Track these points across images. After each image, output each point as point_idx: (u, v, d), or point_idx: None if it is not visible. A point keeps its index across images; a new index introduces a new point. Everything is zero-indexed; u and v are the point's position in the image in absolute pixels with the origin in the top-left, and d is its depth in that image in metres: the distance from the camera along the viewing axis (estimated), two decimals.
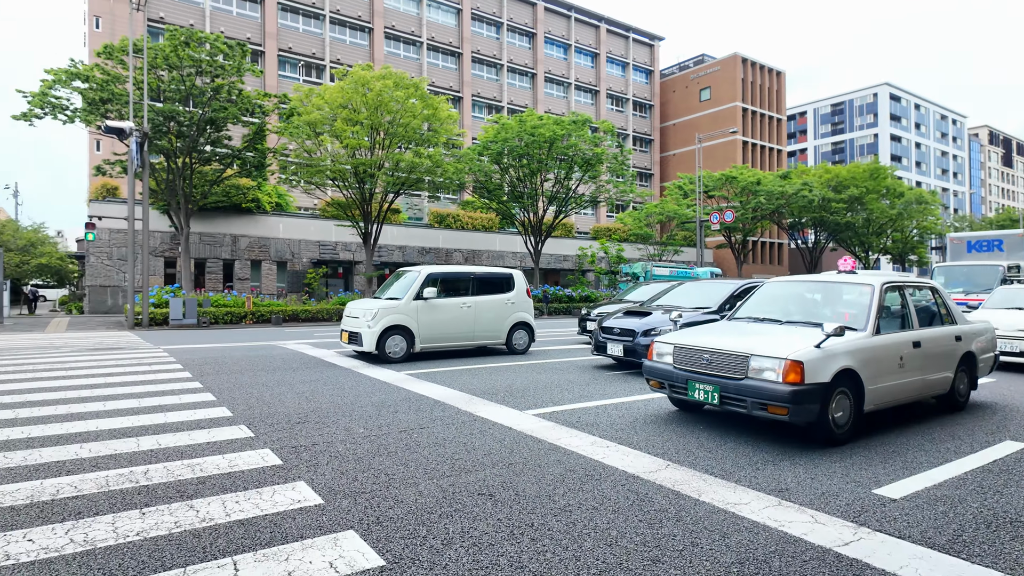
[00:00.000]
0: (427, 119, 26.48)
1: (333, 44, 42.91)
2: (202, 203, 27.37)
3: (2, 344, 13.17)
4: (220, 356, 10.37)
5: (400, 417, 5.65)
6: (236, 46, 23.35)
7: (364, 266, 36.31)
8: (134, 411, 5.79)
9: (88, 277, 29.15)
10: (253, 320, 23.56)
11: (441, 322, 9.69)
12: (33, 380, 7.58)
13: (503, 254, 42.36)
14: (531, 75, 53.05)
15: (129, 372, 8.31)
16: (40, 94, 21.11)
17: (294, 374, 8.25)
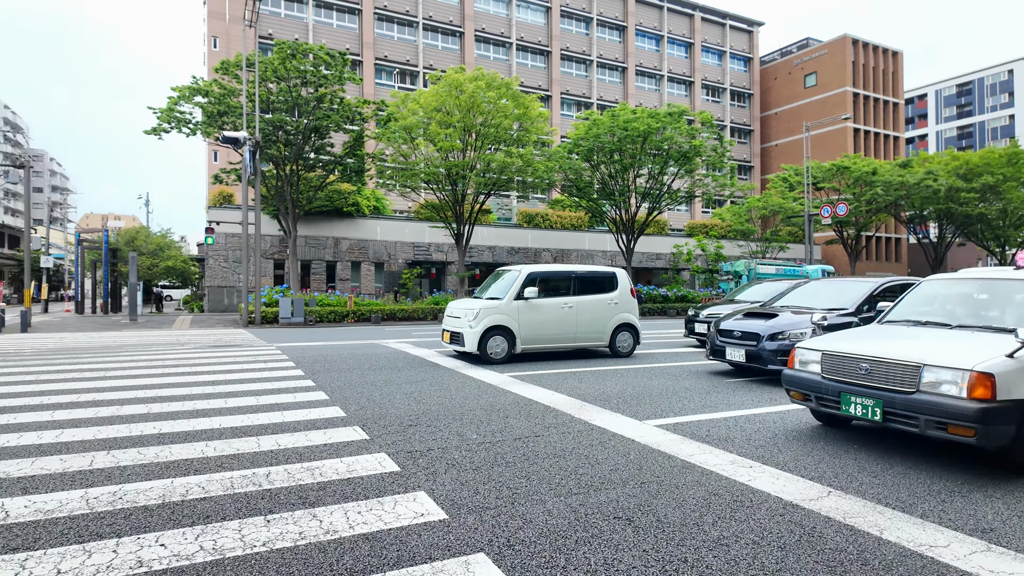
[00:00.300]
0: (518, 119, 26.38)
1: (426, 50, 43.95)
2: (307, 208, 28.80)
3: (136, 340, 14.34)
4: (328, 354, 10.62)
5: (512, 423, 5.36)
6: (337, 55, 24.33)
7: (456, 266, 36.89)
8: (253, 409, 5.89)
9: (207, 278, 31.53)
10: (354, 319, 24.45)
11: (542, 323, 9.37)
12: (163, 376, 8.01)
13: (593, 253, 41.66)
14: (621, 69, 51.84)
15: (246, 369, 8.63)
16: (167, 110, 22.99)
17: (399, 373, 8.23)
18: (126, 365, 9.00)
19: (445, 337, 9.76)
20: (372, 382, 7.52)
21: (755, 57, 58.05)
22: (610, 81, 51.74)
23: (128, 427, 5.08)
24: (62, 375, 7.98)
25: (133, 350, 11.59)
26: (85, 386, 7.07)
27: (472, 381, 7.61)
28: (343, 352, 10.96)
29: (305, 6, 40.32)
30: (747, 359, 7.68)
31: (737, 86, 57.13)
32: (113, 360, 9.73)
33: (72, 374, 8.04)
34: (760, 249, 39.80)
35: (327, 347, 12.02)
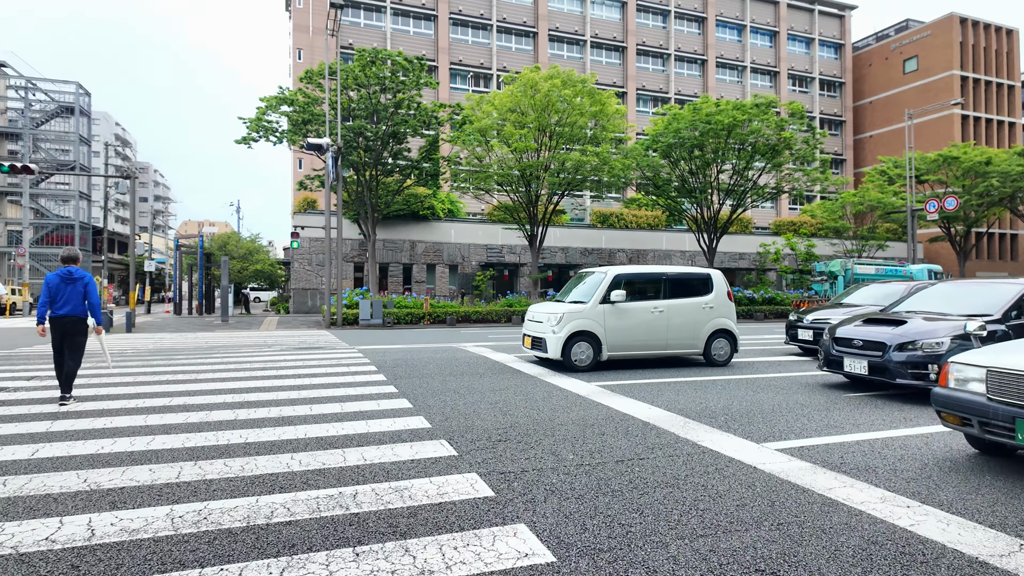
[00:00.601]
0: (594, 116, 25.74)
1: (500, 52, 44.01)
2: (385, 212, 29.38)
3: (227, 341, 14.90)
4: (408, 358, 10.50)
5: (610, 442, 4.87)
6: (414, 60, 24.61)
7: (528, 268, 36.59)
8: (337, 417, 5.71)
9: (292, 281, 32.83)
10: (430, 320, 24.61)
11: (630, 328, 8.79)
12: (250, 379, 8.07)
13: (670, 253, 40.26)
14: (700, 62, 49.94)
15: (330, 373, 8.58)
16: (256, 120, 24.03)
17: (481, 380, 7.91)
18: (216, 367, 9.19)
19: (526, 342, 9.36)
20: (454, 389, 7.22)
21: (847, 43, 54.37)
22: (688, 75, 49.94)
23: (215, 435, 4.98)
24: (157, 377, 8.19)
25: (223, 352, 11.95)
26: (177, 389, 7.19)
27: (558, 391, 7.16)
28: (423, 356, 10.81)
29: (383, 15, 41.34)
30: (870, 371, 6.79)
31: (827, 75, 53.70)
32: (204, 362, 9.99)
33: (166, 376, 8.25)
34: (856, 248, 37.05)
35: (406, 350, 11.94)
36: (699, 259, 40.05)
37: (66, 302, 6.35)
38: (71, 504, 3.42)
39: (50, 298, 6.36)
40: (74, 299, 6.38)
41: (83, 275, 6.50)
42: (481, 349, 12.07)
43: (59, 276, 6.40)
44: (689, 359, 10.14)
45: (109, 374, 8.38)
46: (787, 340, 11.18)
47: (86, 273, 6.57)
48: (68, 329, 6.37)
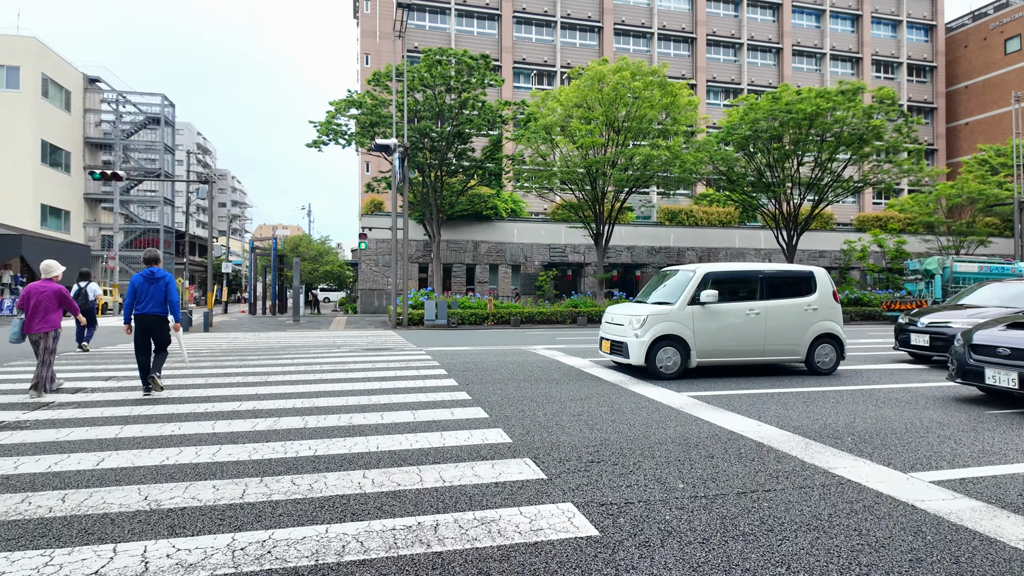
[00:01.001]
0: (665, 108, 24.66)
1: (564, 48, 43.35)
2: (450, 212, 29.32)
3: (298, 341, 14.99)
4: (478, 361, 10.06)
5: (722, 467, 4.18)
6: (479, 58, 24.34)
7: (593, 268, 35.69)
8: (410, 427, 5.28)
9: (360, 281, 33.34)
10: (494, 321, 24.27)
11: (722, 332, 7.97)
12: (320, 382, 7.82)
13: (744, 251, 38.39)
14: (775, 51, 47.52)
15: (399, 377, 8.24)
16: (325, 123, 24.43)
17: (559, 387, 7.33)
18: (286, 369, 9.04)
19: (604, 347, 8.70)
20: (531, 397, 6.68)
21: (939, 24, 50.36)
22: (762, 64, 47.63)
23: (283, 446, 4.64)
24: (228, 379, 8.08)
25: (294, 352, 11.92)
26: (246, 392, 6.99)
27: (647, 402, 6.48)
28: (493, 359, 10.34)
29: (448, 16, 41.51)
30: (1022, 385, 5.75)
31: (916, 59, 49.93)
32: (275, 363, 9.90)
33: (237, 378, 8.13)
34: (952, 244, 34.02)
35: (475, 353, 11.52)
36: (776, 257, 37.96)
37: (149, 301, 6.66)
38: (128, 527, 3.08)
39: (134, 298, 6.69)
40: (156, 298, 6.68)
41: (164, 275, 6.79)
42: (552, 352, 11.50)
43: (142, 276, 6.70)
44: (787, 367, 9.19)
45: (183, 375, 8.35)
46: (896, 345, 10.00)
47: (167, 273, 6.84)
48: (151, 326, 6.68)
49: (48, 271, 7.00)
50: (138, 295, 6.67)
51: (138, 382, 7.57)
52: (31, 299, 6.76)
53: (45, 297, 6.77)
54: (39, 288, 6.81)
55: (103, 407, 6.15)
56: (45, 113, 37.69)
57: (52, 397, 6.66)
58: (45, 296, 6.77)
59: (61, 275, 7.10)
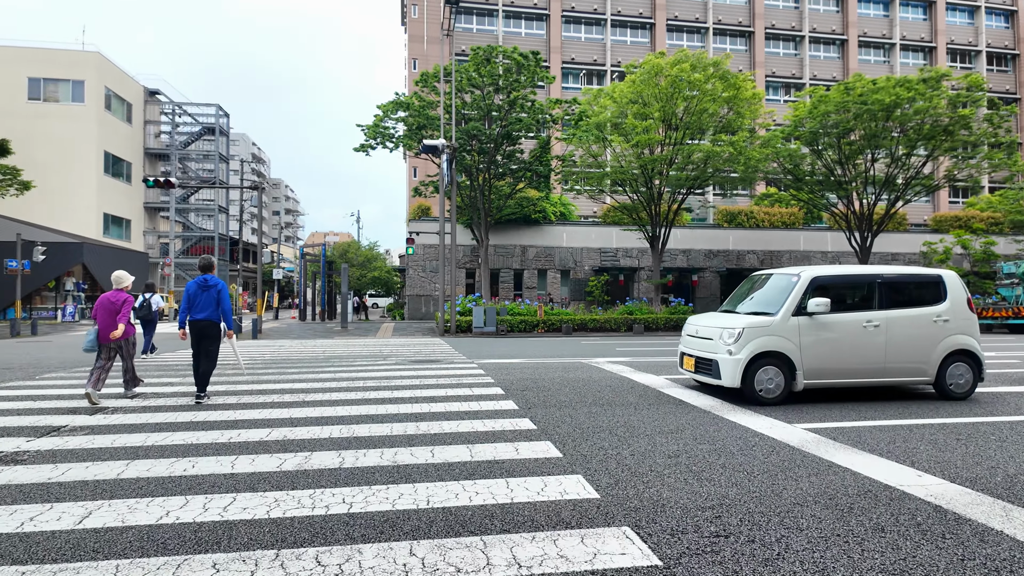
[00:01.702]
0: (727, 102, 23.09)
1: (614, 47, 42.09)
2: (498, 216, 28.46)
3: (344, 350, 14.30)
4: (537, 377, 9.00)
5: (904, 547, 2.98)
6: (530, 55, 23.42)
7: (646, 272, 34.17)
8: (467, 471, 4.26)
9: (407, 287, 32.86)
10: (544, 329, 23.21)
11: (835, 348, 6.65)
12: (362, 403, 6.93)
13: (809, 254, 36.17)
14: (839, 43, 44.95)
15: (451, 398, 7.26)
16: (373, 126, 23.95)
17: (639, 415, 6.19)
18: (327, 386, 8.22)
19: (686, 364, 7.49)
20: (609, 428, 5.57)
21: (1020, 9, 46.61)
22: (825, 57, 45.12)
23: (312, 497, 3.69)
24: (263, 398, 7.29)
25: (338, 364, 11.17)
26: (280, 415, 6.14)
27: (756, 437, 5.27)
28: (552, 375, 9.26)
29: (495, 18, 40.88)
30: None
31: (996, 47, 46.32)
32: (316, 377, 9.12)
33: (272, 396, 7.32)
34: None
35: (531, 367, 10.46)
36: (845, 260, 35.60)
37: (202, 308, 6.80)
38: None
39: (189, 304, 6.84)
40: (209, 305, 6.81)
41: (217, 282, 6.93)
42: (617, 367, 10.33)
43: (196, 284, 6.87)
44: (909, 389, 7.75)
45: (218, 391, 7.61)
46: None
47: (220, 281, 6.98)
48: (203, 333, 6.82)
49: (119, 282, 7.23)
50: (192, 302, 6.82)
51: (173, 396, 6.87)
52: (100, 310, 7.01)
53: (113, 307, 7.00)
54: (110, 299, 7.04)
55: (113, 434, 5.40)
56: (108, 125, 38.94)
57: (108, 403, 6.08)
58: (113, 306, 7.00)
59: (131, 285, 7.34)
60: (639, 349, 14.61)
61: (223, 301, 6.84)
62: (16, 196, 24.51)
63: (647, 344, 16.59)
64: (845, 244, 35.76)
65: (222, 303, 6.83)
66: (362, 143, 24.30)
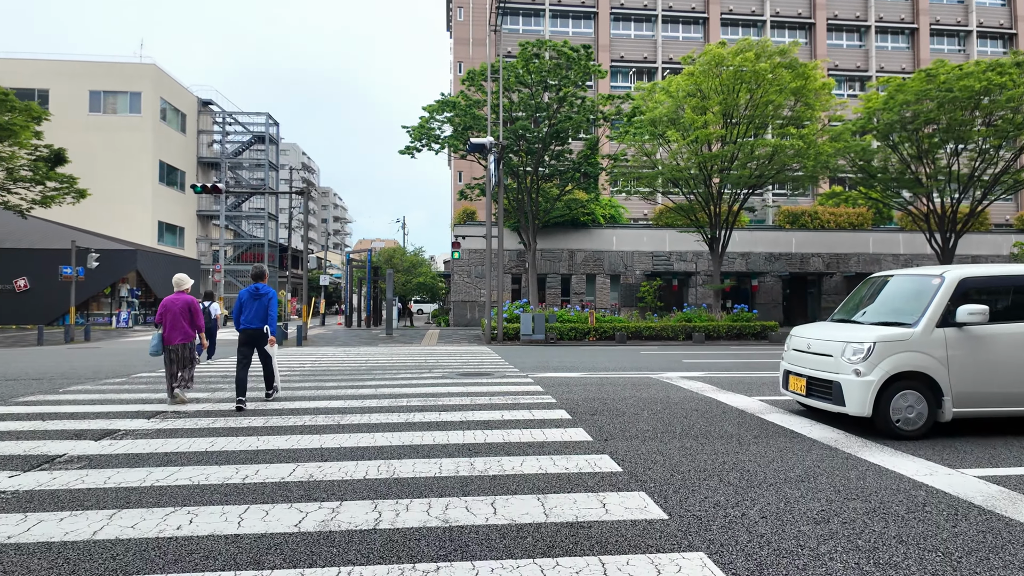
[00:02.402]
0: (794, 93, 21.36)
1: (665, 43, 40.55)
2: (546, 219, 27.40)
3: (387, 359, 13.46)
4: (604, 396, 7.84)
5: None
6: (580, 49, 22.29)
7: (702, 277, 32.43)
8: (541, 535, 3.16)
9: (452, 293, 32.11)
10: (596, 337, 21.96)
11: (995, 367, 5.25)
12: (405, 428, 5.94)
13: (879, 257, 33.76)
14: (908, 32, 42.14)
15: (509, 423, 6.19)
16: (419, 127, 23.27)
17: (747, 452, 4.96)
18: (367, 404, 7.27)
19: (794, 385, 6.18)
20: (716, 471, 4.38)
21: None
22: (893, 48, 42.34)
23: (337, 571, 2.67)
24: (294, 419, 6.39)
25: (380, 376, 10.27)
26: (309, 444, 5.19)
27: (923, 492, 3.96)
28: (621, 393, 8.08)
29: (542, 18, 39.99)
30: None
31: None
32: (356, 393, 8.21)
33: (305, 418, 6.41)
34: None
35: (594, 382, 9.29)
36: (919, 263, 33.09)
37: (252, 316, 6.98)
38: None
39: (240, 311, 7.00)
40: (259, 313, 6.99)
41: (267, 291, 7.09)
42: (694, 383, 9.06)
43: (248, 292, 7.06)
44: None
45: (243, 412, 6.76)
46: None
47: (270, 289, 7.13)
48: (254, 340, 7.04)
49: (179, 284, 7.30)
50: (244, 309, 7.00)
51: (196, 415, 6.04)
52: (167, 313, 7.04)
53: (178, 309, 7.06)
54: (173, 301, 7.11)
55: (111, 468, 4.53)
56: (163, 135, 39.84)
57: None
58: (178, 308, 7.06)
59: (190, 288, 7.42)
60: (708, 361, 13.23)
61: (271, 309, 7.00)
62: (73, 204, 24.91)
63: (713, 355, 15.17)
64: (920, 246, 33.15)
65: (269, 310, 6.99)
66: (407, 145, 23.67)
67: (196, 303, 7.25)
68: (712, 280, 25.01)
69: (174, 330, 7.01)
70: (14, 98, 21.75)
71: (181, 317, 7.05)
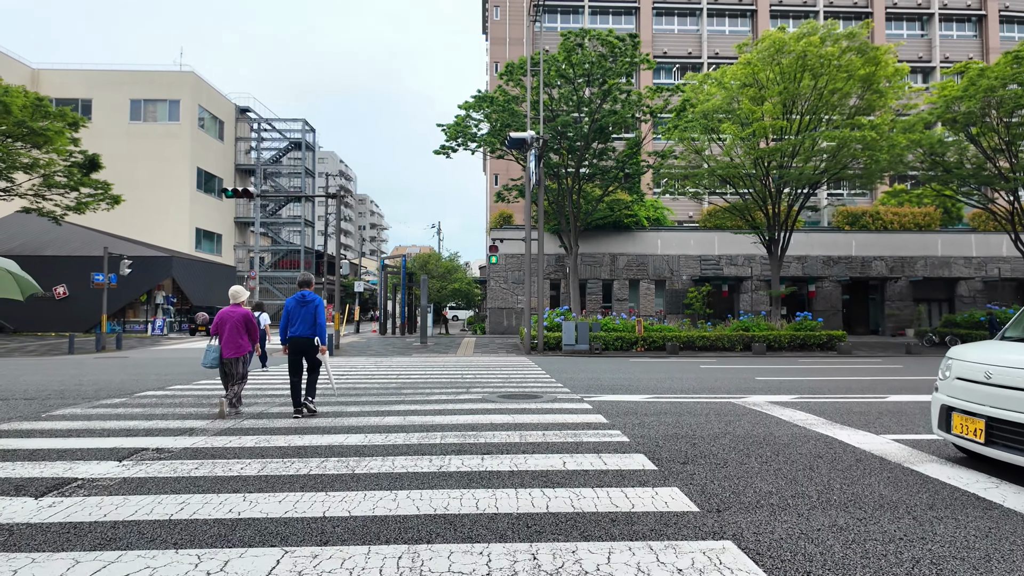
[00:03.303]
0: (863, 80, 19.40)
1: (710, 37, 38.65)
2: (588, 221, 25.91)
3: (420, 374, 12.19)
4: (686, 431, 6.32)
5: None
6: (627, 37, 20.78)
7: (754, 282, 30.36)
8: None
9: (489, 299, 30.84)
10: (644, 347, 20.33)
11: None
12: (439, 481, 4.57)
13: (949, 260, 31.15)
14: (976, 19, 39.34)
15: (574, 475, 4.75)
16: (454, 125, 22.10)
17: (935, 537, 3.41)
18: (393, 441, 5.95)
19: (963, 426, 4.56)
20: (892, 570, 2.87)
21: None
22: (958, 36, 39.49)
23: None
24: (299, 463, 5.09)
25: (411, 396, 8.97)
26: (311, 510, 3.85)
27: None
28: (707, 426, 6.55)
29: (580, 15, 38.64)
30: None
31: None
32: (381, 424, 6.91)
33: (312, 464, 5.10)
34: None
35: (667, 410, 7.76)
36: (993, 266, 30.36)
37: (300, 324, 6.81)
38: None
39: (288, 320, 6.85)
40: (306, 321, 6.82)
41: (314, 298, 6.90)
42: (794, 413, 7.45)
43: (295, 300, 6.90)
44: None
45: (245, 447, 5.51)
46: None
47: (316, 296, 6.93)
48: (302, 349, 6.87)
49: (236, 296, 7.13)
50: (291, 318, 6.85)
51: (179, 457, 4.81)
52: (224, 325, 6.90)
53: (235, 322, 6.92)
54: (229, 313, 6.96)
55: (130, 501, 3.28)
56: (201, 142, 39.86)
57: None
58: (235, 321, 6.92)
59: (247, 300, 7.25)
60: (787, 380, 11.52)
61: (319, 316, 6.84)
62: (108, 210, 24.61)
63: (786, 370, 13.42)
64: (995, 247, 30.43)
65: (317, 318, 6.83)
66: (442, 144, 22.51)
67: (252, 316, 7.10)
68: (773, 285, 23.06)
69: (228, 343, 6.89)
70: (48, 103, 21.49)
71: (237, 330, 6.92)
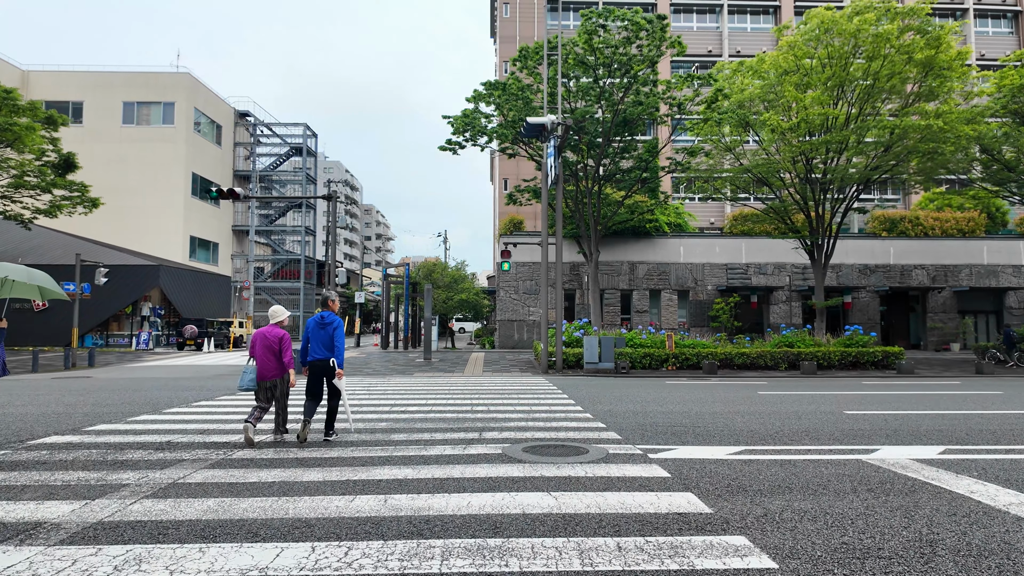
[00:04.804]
0: (922, 64, 17.19)
1: (732, 35, 36.63)
2: (609, 225, 23.71)
3: (420, 404, 9.95)
4: (850, 532, 4.06)
5: None
6: (654, 18, 18.68)
7: (786, 292, 28.03)
8: None
9: (498, 311, 28.64)
10: (675, 365, 18.02)
11: None
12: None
13: (996, 269, 28.78)
14: (1012, 15, 37.31)
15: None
16: (462, 117, 20.00)
17: None
18: (354, 557, 3.70)
19: None
20: None
21: None
22: (994, 32, 37.38)
23: None
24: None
25: (403, 443, 6.75)
26: None
27: None
28: (867, 517, 4.27)
29: None
30: None
31: None
32: (347, 506, 4.68)
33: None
34: None
35: (777, 475, 5.48)
36: None
37: (319, 347, 6.58)
38: None
39: (307, 342, 6.65)
40: (324, 343, 6.59)
41: (333, 320, 6.67)
42: (972, 484, 5.17)
43: (315, 321, 6.68)
44: None
45: (174, 521, 3.28)
46: None
47: (336, 318, 6.70)
48: (322, 372, 6.65)
49: (274, 316, 6.87)
50: (311, 340, 6.64)
51: None
52: (256, 346, 6.64)
53: (267, 343, 6.63)
54: (265, 334, 6.69)
55: None
56: (197, 147, 38.02)
57: None
58: (268, 342, 6.63)
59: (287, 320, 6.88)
60: (889, 415, 9.19)
61: (337, 338, 6.59)
62: (85, 214, 22.64)
63: (861, 397, 11.10)
64: None
65: (336, 340, 6.58)
66: (448, 139, 20.41)
67: (287, 337, 6.74)
68: (819, 297, 20.69)
69: (266, 364, 6.60)
70: (17, 95, 19.59)
71: (269, 350, 6.60)
